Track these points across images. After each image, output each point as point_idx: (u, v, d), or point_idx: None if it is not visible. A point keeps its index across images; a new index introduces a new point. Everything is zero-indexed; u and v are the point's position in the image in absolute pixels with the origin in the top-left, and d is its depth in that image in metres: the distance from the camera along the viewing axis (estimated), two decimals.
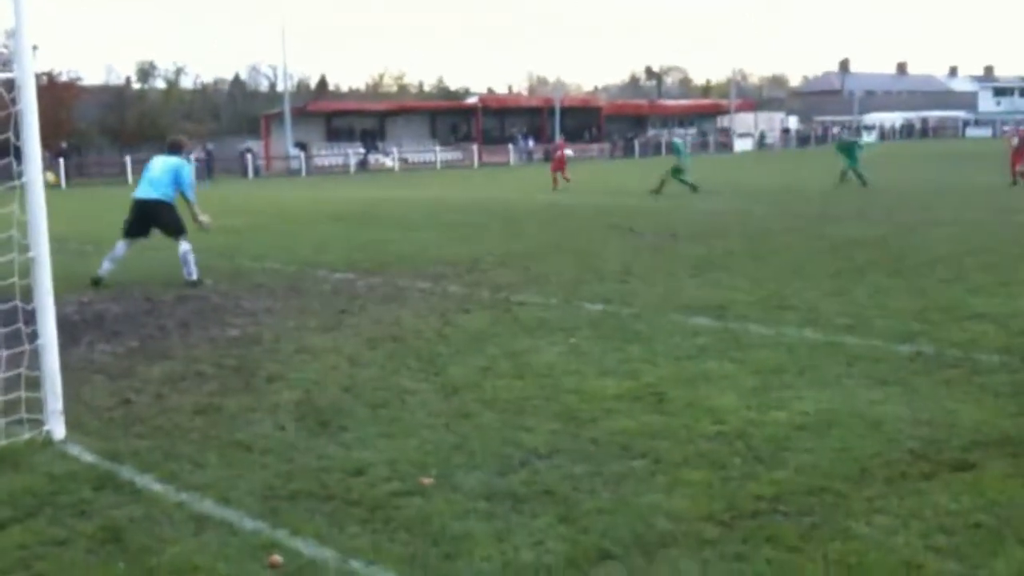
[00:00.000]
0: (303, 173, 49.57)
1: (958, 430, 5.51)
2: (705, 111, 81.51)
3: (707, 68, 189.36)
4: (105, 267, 11.80)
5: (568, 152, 33.18)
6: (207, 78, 78.26)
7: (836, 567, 3.85)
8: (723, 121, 78.53)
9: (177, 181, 11.75)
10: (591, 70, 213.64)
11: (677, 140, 30.80)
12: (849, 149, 28.49)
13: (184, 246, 11.69)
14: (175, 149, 12.18)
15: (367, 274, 12.29)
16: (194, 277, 11.61)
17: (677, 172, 27.01)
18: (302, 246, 15.79)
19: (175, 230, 11.83)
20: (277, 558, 4.02)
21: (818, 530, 4.20)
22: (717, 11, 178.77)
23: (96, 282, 11.61)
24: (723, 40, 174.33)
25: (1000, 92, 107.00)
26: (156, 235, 12.05)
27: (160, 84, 73.84)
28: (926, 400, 6.11)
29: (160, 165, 11.89)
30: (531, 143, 63.33)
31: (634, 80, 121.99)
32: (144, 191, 11.84)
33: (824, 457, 5.10)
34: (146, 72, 75.60)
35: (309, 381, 6.93)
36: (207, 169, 46.65)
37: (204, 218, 12.08)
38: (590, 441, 5.48)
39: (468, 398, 6.40)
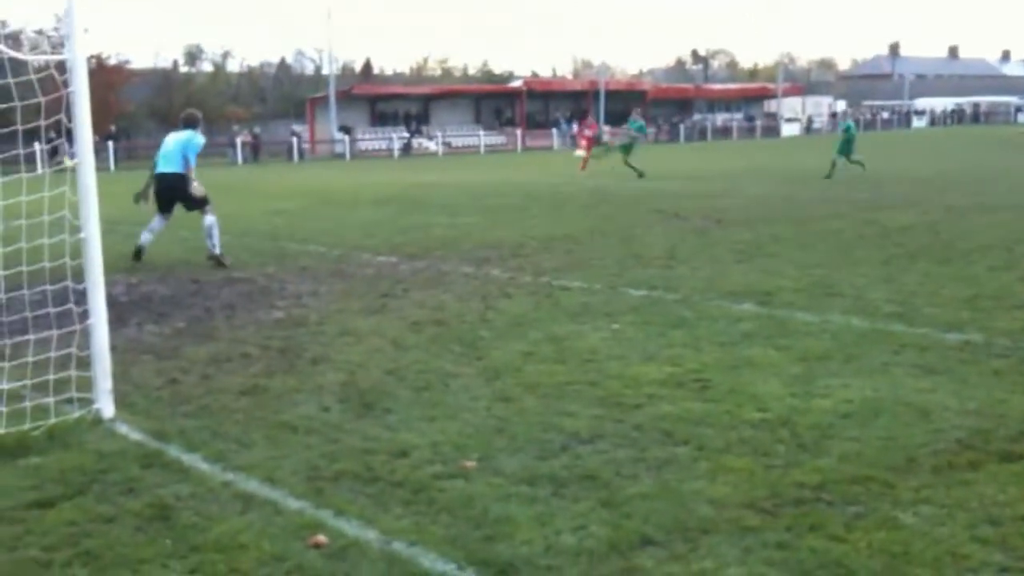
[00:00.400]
0: (347, 157, 49.82)
1: (1007, 420, 5.43)
2: (752, 95, 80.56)
3: (754, 51, 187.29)
4: (144, 237, 12.06)
5: (588, 132, 32.07)
6: (253, 62, 78.91)
7: (880, 556, 3.81)
8: (770, 105, 77.65)
9: (185, 151, 11.83)
10: (636, 54, 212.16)
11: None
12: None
13: (208, 219, 11.84)
14: (189, 123, 12.20)
15: (410, 258, 12.35)
16: (217, 251, 11.77)
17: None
18: (346, 229, 15.89)
19: (196, 203, 11.97)
20: (321, 538, 4.06)
21: (863, 519, 4.16)
22: None
23: (137, 252, 11.88)
24: (771, 23, 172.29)
25: None
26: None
27: (207, 67, 74.48)
28: (974, 389, 6.02)
29: (173, 139, 12.05)
30: (575, 127, 63.08)
31: (680, 64, 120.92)
32: (162, 166, 12.01)
33: (869, 446, 5.04)
34: (193, 55, 76.30)
35: (353, 363, 6.98)
36: (253, 152, 47.07)
37: (196, 185, 11.95)
38: (633, 427, 5.46)
39: (510, 382, 6.41)
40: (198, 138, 12.04)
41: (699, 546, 3.94)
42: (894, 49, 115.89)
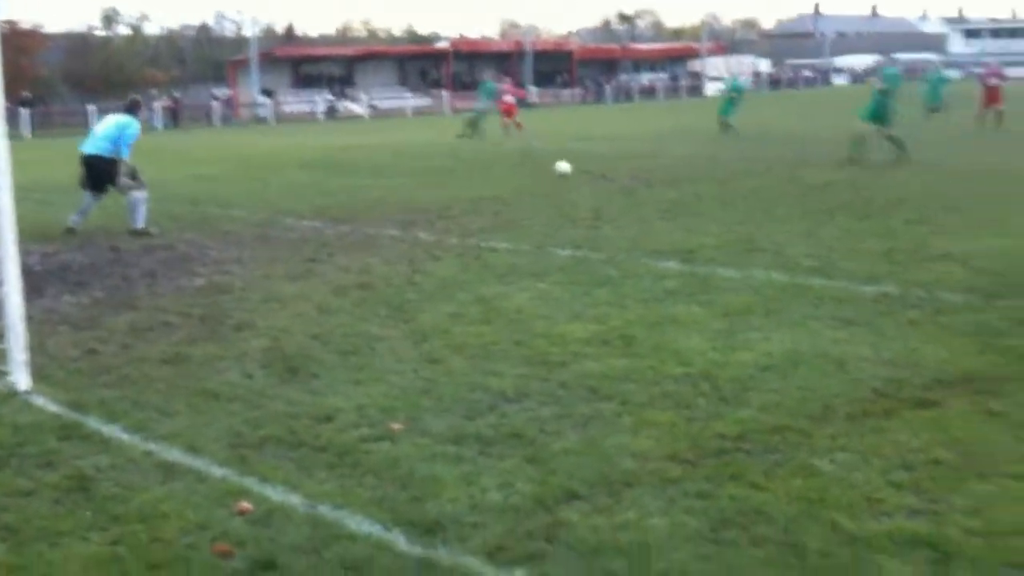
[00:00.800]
0: (271, 121, 48.97)
1: (921, 369, 5.59)
2: (677, 55, 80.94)
3: (680, 12, 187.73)
4: (74, 219, 11.63)
5: (508, 98, 29.72)
6: (173, 24, 76.94)
7: (798, 502, 3.92)
8: (695, 65, 78.11)
9: (120, 138, 11.48)
10: (563, 15, 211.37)
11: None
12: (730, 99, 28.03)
13: (136, 195, 11.46)
14: (131, 109, 11.91)
15: (336, 222, 12.22)
16: (140, 226, 11.40)
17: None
18: (270, 194, 15.65)
19: (123, 185, 11.61)
20: (246, 505, 4.03)
21: (781, 467, 4.26)
22: None
23: (70, 231, 11.49)
24: None
25: (971, 34, 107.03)
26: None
27: (124, 31, 72.47)
28: (890, 340, 6.18)
29: (114, 122, 11.72)
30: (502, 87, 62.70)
31: (606, 24, 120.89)
32: (87, 145, 11.66)
33: (788, 396, 5.16)
34: (110, 19, 74.09)
35: (277, 329, 6.91)
36: (173, 117, 45.99)
37: (125, 175, 11.60)
38: (558, 384, 5.51)
39: (437, 344, 6.41)
40: (135, 126, 11.68)
41: (623, 498, 4.00)
42: (817, 8, 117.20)
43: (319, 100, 53.20)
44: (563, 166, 15.69)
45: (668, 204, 12.84)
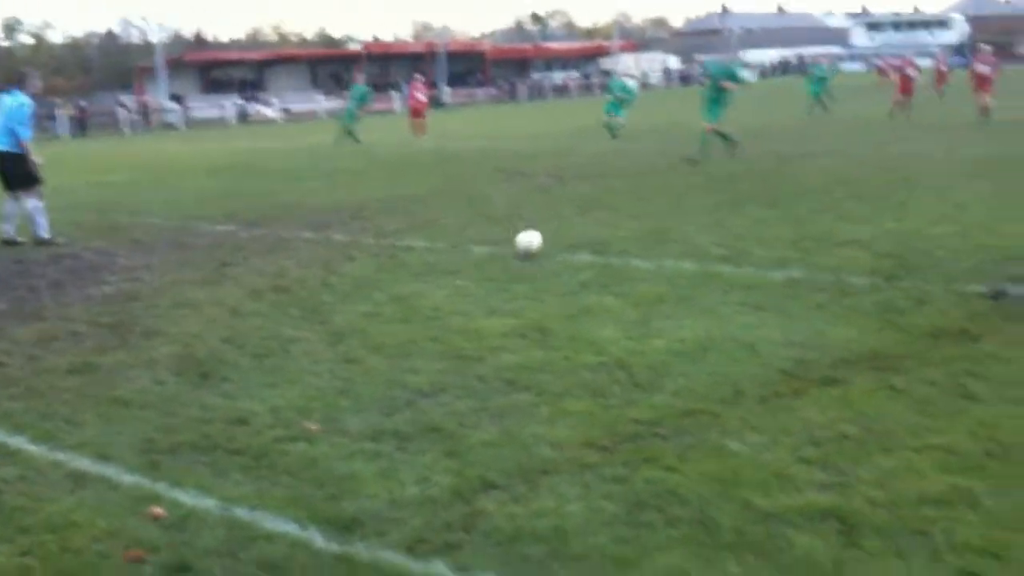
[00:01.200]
0: (180, 126, 48.04)
1: (828, 349, 5.75)
2: (589, 53, 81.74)
3: (591, 11, 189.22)
4: (5, 229, 11.09)
5: (420, 96, 29.14)
6: (77, 32, 74.83)
7: (711, 483, 4.00)
8: (606, 63, 78.89)
9: (11, 122, 10.72)
10: (477, 17, 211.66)
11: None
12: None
13: (32, 202, 10.94)
14: (20, 83, 11.02)
15: (249, 225, 12.05)
16: (45, 235, 10.97)
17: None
18: (181, 199, 15.36)
19: (24, 182, 10.94)
20: (159, 510, 3.96)
21: (694, 449, 4.34)
22: None
23: (8, 243, 10.96)
24: None
25: (873, 27, 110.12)
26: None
27: (27, 40, 70.36)
28: (798, 323, 6.34)
29: (2, 111, 10.87)
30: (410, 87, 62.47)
31: (519, 25, 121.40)
32: None
33: (700, 381, 5.26)
34: (12, 28, 71.92)
35: (189, 334, 6.79)
36: (80, 125, 44.84)
37: (37, 159, 11.04)
38: (476, 378, 5.52)
39: (353, 344, 6.38)
40: (20, 99, 10.79)
41: (540, 486, 4.04)
42: (724, 7, 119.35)
43: (229, 105, 52.39)
44: (528, 241, 9.14)
45: (582, 199, 12.95)
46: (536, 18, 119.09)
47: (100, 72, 65.44)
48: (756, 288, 7.32)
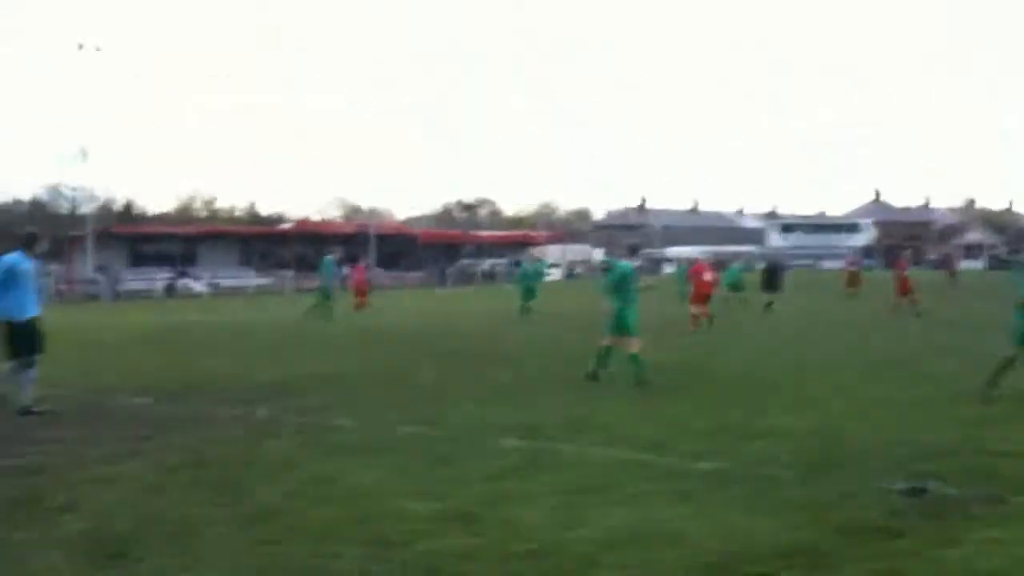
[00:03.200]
0: (106, 298, 47.52)
1: (754, 542, 5.76)
2: (517, 241, 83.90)
3: (517, 200, 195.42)
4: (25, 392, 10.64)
5: (362, 276, 31.19)
6: (2, 198, 74.33)
7: None
8: (533, 252, 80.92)
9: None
10: (404, 201, 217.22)
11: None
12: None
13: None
14: (24, 244, 10.93)
15: (171, 399, 11.81)
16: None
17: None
18: (100, 371, 15.04)
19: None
20: None
21: None
22: (526, 145, 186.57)
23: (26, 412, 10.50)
24: (532, 174, 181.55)
25: (787, 228, 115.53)
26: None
27: None
28: (724, 514, 6.36)
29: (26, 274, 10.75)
30: (345, 270, 63.13)
31: (447, 211, 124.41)
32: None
33: (630, 572, 5.20)
34: None
35: (102, 512, 6.53)
36: None
37: None
38: (399, 564, 5.40)
39: (273, 525, 6.20)
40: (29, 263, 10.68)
41: None
42: (642, 204, 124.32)
43: (157, 278, 52.21)
44: None
45: (508, 382, 13.02)
46: (465, 206, 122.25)
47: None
48: (681, 477, 7.36)
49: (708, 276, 24.11)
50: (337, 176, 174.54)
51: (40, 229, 11.27)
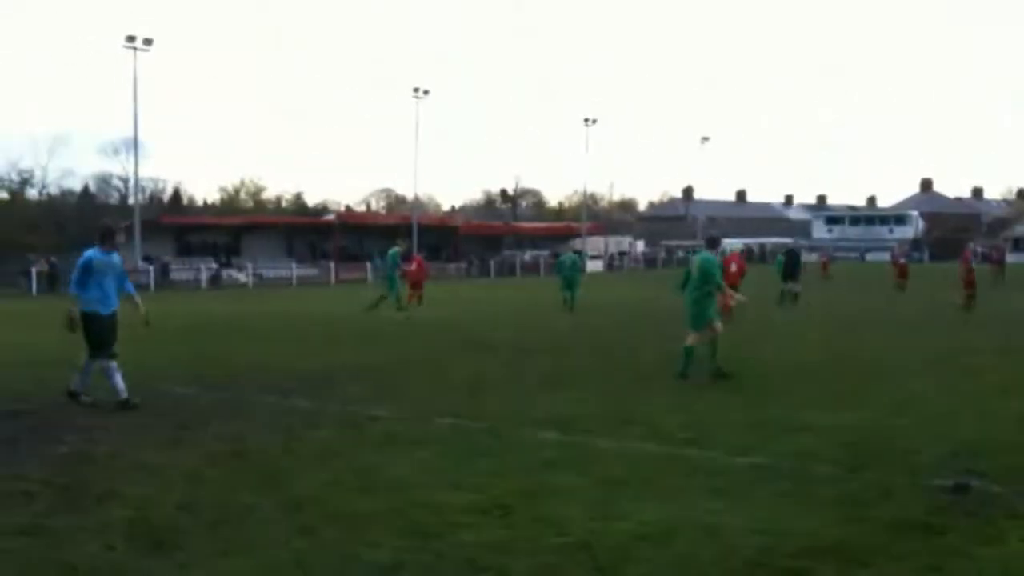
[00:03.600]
0: (152, 287, 48.21)
1: (791, 538, 5.71)
2: (558, 233, 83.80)
3: (559, 191, 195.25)
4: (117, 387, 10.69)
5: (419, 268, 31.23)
6: (54, 189, 75.55)
7: None
8: (576, 243, 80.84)
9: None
10: (447, 190, 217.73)
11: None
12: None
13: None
14: (102, 239, 10.89)
15: (213, 388, 11.96)
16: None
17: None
18: (147, 359, 15.20)
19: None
20: None
21: None
22: (569, 137, 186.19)
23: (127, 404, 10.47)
24: (574, 165, 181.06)
25: (832, 220, 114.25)
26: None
27: (2, 196, 71.07)
28: (761, 509, 6.31)
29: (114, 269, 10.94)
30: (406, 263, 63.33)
31: (490, 201, 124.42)
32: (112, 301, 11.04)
33: (663, 566, 5.19)
34: None
35: (143, 499, 6.64)
36: (50, 282, 44.89)
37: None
38: (435, 555, 5.42)
39: (312, 514, 6.26)
40: (83, 256, 10.81)
41: None
42: (687, 193, 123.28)
43: (203, 268, 52.91)
44: None
45: (547, 374, 13.02)
46: (506, 196, 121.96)
47: (75, 230, 65.93)
48: (719, 473, 7.31)
49: (733, 267, 24.05)
50: (383, 164, 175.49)
51: (114, 222, 11.20)
